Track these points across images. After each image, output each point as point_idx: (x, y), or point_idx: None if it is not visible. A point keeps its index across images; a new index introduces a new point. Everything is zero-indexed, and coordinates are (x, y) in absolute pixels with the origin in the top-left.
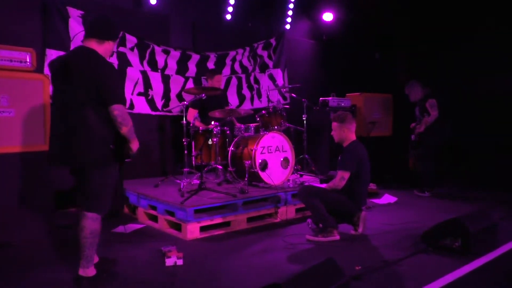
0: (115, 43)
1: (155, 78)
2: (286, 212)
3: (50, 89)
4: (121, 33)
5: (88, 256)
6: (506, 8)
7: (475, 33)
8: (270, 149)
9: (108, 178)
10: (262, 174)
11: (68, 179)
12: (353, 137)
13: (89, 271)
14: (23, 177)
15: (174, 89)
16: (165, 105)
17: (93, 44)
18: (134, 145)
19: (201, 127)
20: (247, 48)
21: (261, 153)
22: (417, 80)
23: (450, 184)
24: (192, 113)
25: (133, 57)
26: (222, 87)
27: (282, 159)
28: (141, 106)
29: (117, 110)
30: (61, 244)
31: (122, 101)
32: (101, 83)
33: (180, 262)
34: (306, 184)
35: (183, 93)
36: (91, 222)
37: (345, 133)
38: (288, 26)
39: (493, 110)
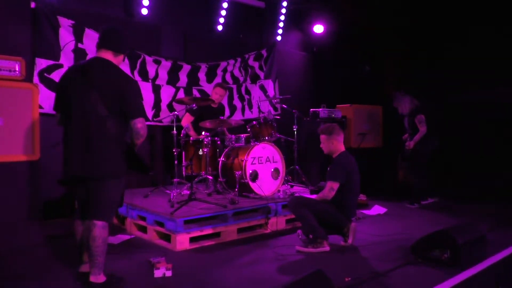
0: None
1: (146, 88)
2: (277, 223)
3: (39, 98)
4: None
5: (99, 263)
6: (496, 19)
7: (465, 44)
8: (261, 160)
9: (122, 188)
10: (253, 185)
11: (57, 190)
12: (342, 148)
13: (100, 278)
14: (11, 187)
15: (165, 99)
16: (156, 115)
17: (109, 56)
18: None
19: (193, 136)
20: (239, 59)
21: (252, 163)
22: (405, 92)
23: (439, 196)
24: (188, 119)
25: (124, 66)
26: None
27: (272, 170)
28: None
29: (140, 123)
30: (49, 255)
31: (144, 114)
32: (126, 97)
33: (169, 273)
34: (297, 195)
35: (174, 103)
36: (102, 231)
37: (334, 144)
38: (279, 38)
39: (482, 123)
